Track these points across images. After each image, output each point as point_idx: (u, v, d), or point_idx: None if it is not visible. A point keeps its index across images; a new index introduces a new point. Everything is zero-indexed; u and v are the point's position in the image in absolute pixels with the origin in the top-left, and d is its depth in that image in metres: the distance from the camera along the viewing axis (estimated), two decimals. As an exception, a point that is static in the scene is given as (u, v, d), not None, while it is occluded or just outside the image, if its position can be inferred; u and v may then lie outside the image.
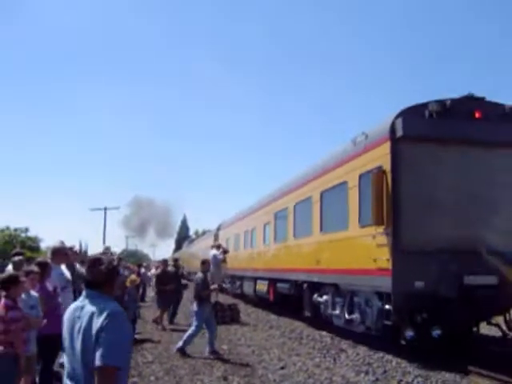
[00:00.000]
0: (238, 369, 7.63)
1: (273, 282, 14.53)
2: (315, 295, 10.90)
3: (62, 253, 6.60)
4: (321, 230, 10.61)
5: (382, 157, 7.86)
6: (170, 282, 12.71)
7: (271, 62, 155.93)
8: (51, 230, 70.33)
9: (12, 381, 4.84)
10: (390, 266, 7.43)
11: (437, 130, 7.63)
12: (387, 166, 7.66)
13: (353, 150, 9.05)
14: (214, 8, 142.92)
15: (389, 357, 7.95)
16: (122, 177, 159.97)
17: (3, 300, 4.87)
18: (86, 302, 2.67)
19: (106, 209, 49.79)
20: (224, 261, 12.81)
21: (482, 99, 8.06)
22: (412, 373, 7.01)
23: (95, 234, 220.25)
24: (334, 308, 9.88)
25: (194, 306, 8.90)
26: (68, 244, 8.04)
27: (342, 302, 9.46)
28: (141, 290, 19.21)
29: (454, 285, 7.37)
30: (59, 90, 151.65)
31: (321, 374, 7.19)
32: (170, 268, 14.05)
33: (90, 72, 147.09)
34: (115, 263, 2.88)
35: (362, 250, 8.39)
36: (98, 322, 2.51)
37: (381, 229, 7.67)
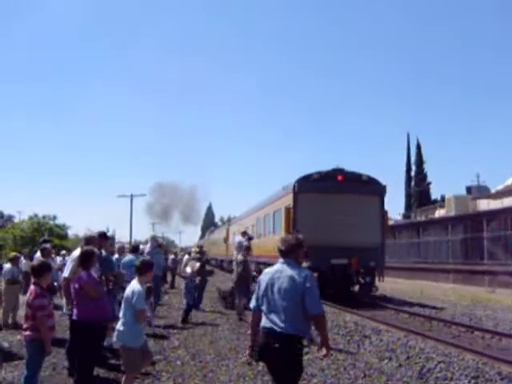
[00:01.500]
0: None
1: (258, 264, 22.55)
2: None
3: (95, 241, 6.53)
4: (274, 232, 18.57)
5: (289, 200, 15.73)
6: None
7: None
8: (79, 218, 69.50)
9: (38, 364, 4.97)
10: (293, 254, 15.23)
11: (316, 187, 15.34)
12: (291, 205, 15.49)
13: (282, 193, 17.06)
14: (213, 12, 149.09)
15: (412, 343, 8.25)
16: (149, 165, 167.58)
17: (32, 287, 4.94)
18: (284, 266, 3.75)
19: (132, 196, 50.67)
20: (249, 248, 12.97)
21: (342, 169, 15.76)
22: (435, 359, 7.14)
23: (123, 222, 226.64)
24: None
25: None
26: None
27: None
28: (170, 277, 21.36)
29: (326, 264, 14.93)
30: (71, 87, 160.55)
31: (344, 360, 7.33)
32: (194, 255, 14.34)
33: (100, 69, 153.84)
34: (300, 238, 3.92)
35: (286, 246, 16.17)
36: (300, 282, 3.59)
37: (289, 235, 15.50)
